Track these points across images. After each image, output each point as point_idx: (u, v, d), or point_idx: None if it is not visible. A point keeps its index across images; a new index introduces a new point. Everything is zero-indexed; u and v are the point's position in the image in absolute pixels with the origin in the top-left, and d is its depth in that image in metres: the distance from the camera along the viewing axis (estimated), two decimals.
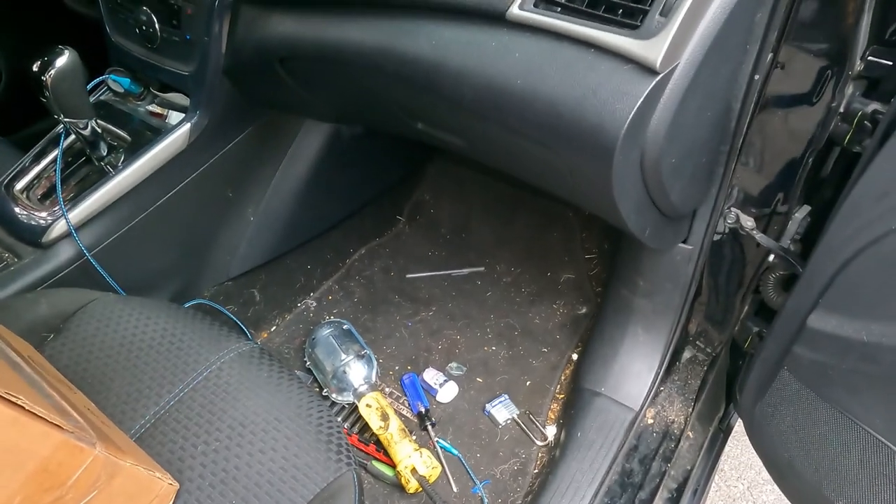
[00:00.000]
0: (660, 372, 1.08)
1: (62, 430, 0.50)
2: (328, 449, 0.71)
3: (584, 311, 1.36)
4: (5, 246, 0.94)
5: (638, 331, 1.09)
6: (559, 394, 1.22)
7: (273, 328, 1.32)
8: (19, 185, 0.99)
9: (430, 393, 1.20)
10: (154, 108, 1.08)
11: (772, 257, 0.96)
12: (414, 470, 1.00)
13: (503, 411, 1.16)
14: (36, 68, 0.87)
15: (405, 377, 1.22)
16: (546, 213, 1.52)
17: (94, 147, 0.99)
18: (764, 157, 0.86)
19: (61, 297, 0.87)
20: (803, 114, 0.82)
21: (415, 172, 1.62)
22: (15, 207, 0.97)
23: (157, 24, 1.00)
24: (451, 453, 1.10)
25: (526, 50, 0.66)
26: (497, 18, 0.67)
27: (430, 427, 1.12)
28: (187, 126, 1.01)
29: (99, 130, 0.98)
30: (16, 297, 0.89)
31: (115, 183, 0.97)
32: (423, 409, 1.15)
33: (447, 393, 1.19)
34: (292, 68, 0.93)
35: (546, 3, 0.65)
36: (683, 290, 1.00)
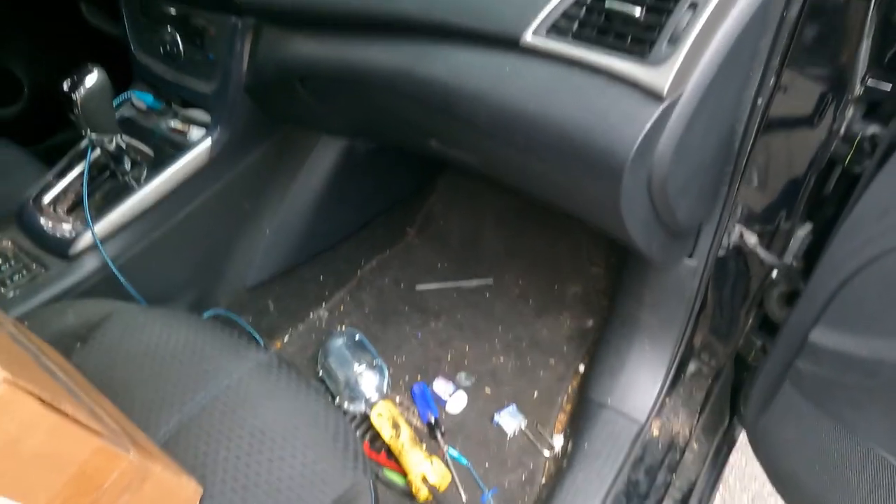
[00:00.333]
0: (665, 384, 1.10)
1: (100, 436, 0.52)
2: (345, 457, 0.74)
3: (591, 323, 1.39)
4: (33, 257, 0.97)
5: (644, 344, 1.12)
6: (566, 405, 1.24)
7: (286, 338, 1.35)
8: (47, 199, 1.02)
9: (440, 403, 1.22)
10: (176, 123, 1.12)
11: (775, 273, 0.98)
12: (425, 478, 1.02)
13: (511, 421, 1.18)
14: (66, 86, 0.90)
15: (415, 387, 1.24)
16: (553, 227, 1.54)
17: (118, 162, 1.03)
18: (767, 177, 0.88)
19: (88, 307, 0.90)
20: (805, 135, 0.84)
21: (425, 185, 1.65)
22: (43, 220, 1.01)
23: (181, 44, 1.04)
24: (460, 462, 1.12)
25: (538, 75, 0.69)
26: (511, 44, 0.71)
27: (439, 436, 1.15)
28: (209, 142, 1.05)
29: (124, 146, 1.01)
30: (45, 308, 0.92)
31: (139, 197, 1.00)
32: (432, 419, 1.17)
33: (456, 403, 1.21)
34: (312, 87, 0.96)
35: (558, 30, 0.68)
36: (688, 304, 1.03)
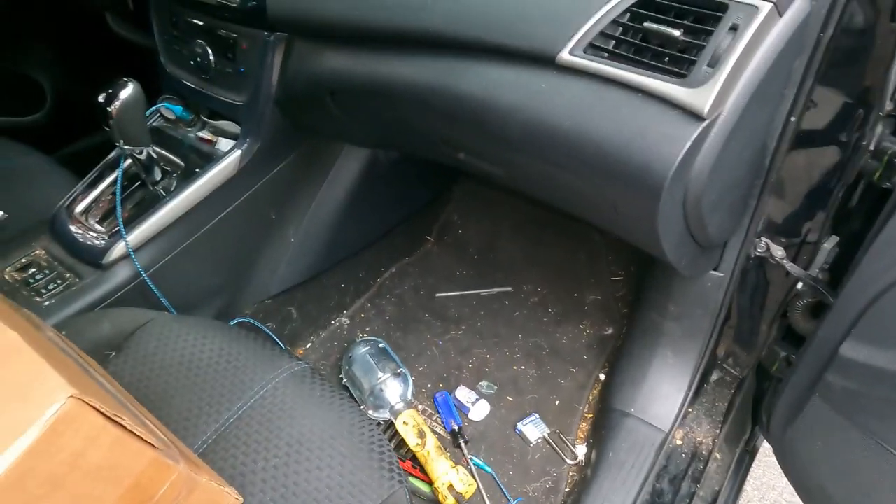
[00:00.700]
0: (688, 394, 1.11)
1: (154, 448, 0.54)
2: (381, 466, 0.75)
3: (610, 331, 1.39)
4: (67, 266, 0.99)
5: (667, 354, 1.12)
6: (587, 413, 1.25)
7: (308, 345, 1.36)
8: (79, 208, 1.04)
9: (462, 411, 1.23)
10: (205, 134, 1.13)
11: (800, 285, 0.99)
12: (451, 487, 1.03)
13: (534, 430, 1.19)
14: (102, 99, 0.92)
15: (438, 395, 1.25)
16: (572, 236, 1.55)
17: (149, 172, 1.04)
18: (795, 191, 0.89)
19: (122, 316, 0.91)
20: (834, 150, 0.85)
21: (442, 194, 1.66)
22: (74, 229, 1.02)
23: (211, 57, 1.05)
24: (484, 471, 1.13)
25: (575, 92, 0.70)
26: (546, 62, 0.72)
27: (463, 445, 1.16)
28: (238, 153, 1.06)
29: (155, 156, 1.03)
30: (80, 316, 0.93)
31: (170, 207, 1.01)
32: (455, 427, 1.18)
33: (479, 411, 1.22)
34: (342, 101, 0.97)
35: (595, 49, 0.70)
36: (713, 315, 1.04)
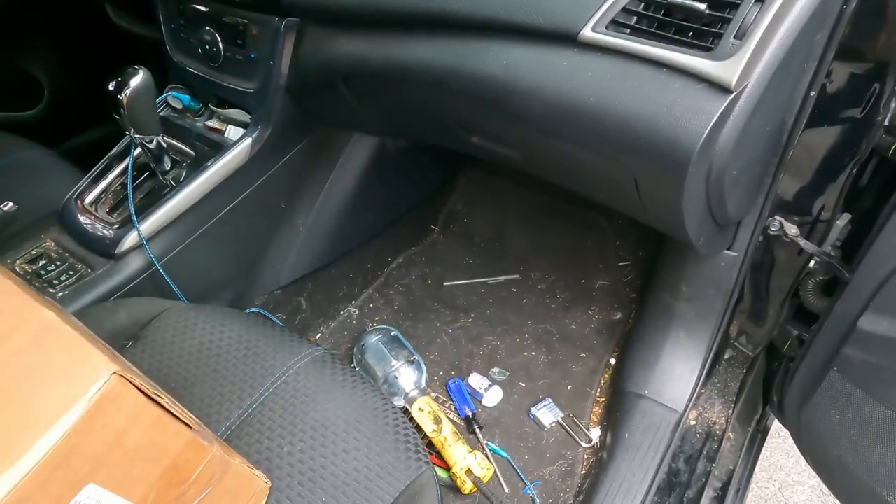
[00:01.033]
0: (702, 375, 1.12)
1: (190, 429, 0.53)
2: (406, 449, 0.75)
3: (619, 316, 1.40)
4: (78, 257, 0.98)
5: (680, 334, 1.13)
6: (600, 397, 1.25)
7: (318, 335, 1.35)
8: (88, 199, 1.03)
9: (476, 397, 1.23)
10: (213, 123, 1.12)
11: (812, 262, 1.00)
12: (469, 471, 1.03)
13: (548, 414, 1.19)
14: (112, 87, 0.90)
15: (450, 382, 1.25)
16: (579, 222, 1.56)
17: (158, 161, 1.03)
18: (809, 168, 0.90)
19: (137, 305, 0.90)
20: (848, 126, 0.86)
21: (447, 182, 1.66)
22: (85, 220, 1.01)
23: (220, 44, 1.04)
24: (500, 455, 1.13)
25: (598, 69, 0.70)
26: (568, 40, 0.71)
27: (478, 430, 1.16)
28: (248, 141, 1.05)
29: (164, 146, 1.02)
30: (95, 306, 0.92)
31: (182, 196, 1.00)
32: (470, 413, 1.18)
33: (492, 397, 1.22)
34: (355, 86, 0.96)
35: (617, 25, 0.69)
36: (726, 295, 1.04)
